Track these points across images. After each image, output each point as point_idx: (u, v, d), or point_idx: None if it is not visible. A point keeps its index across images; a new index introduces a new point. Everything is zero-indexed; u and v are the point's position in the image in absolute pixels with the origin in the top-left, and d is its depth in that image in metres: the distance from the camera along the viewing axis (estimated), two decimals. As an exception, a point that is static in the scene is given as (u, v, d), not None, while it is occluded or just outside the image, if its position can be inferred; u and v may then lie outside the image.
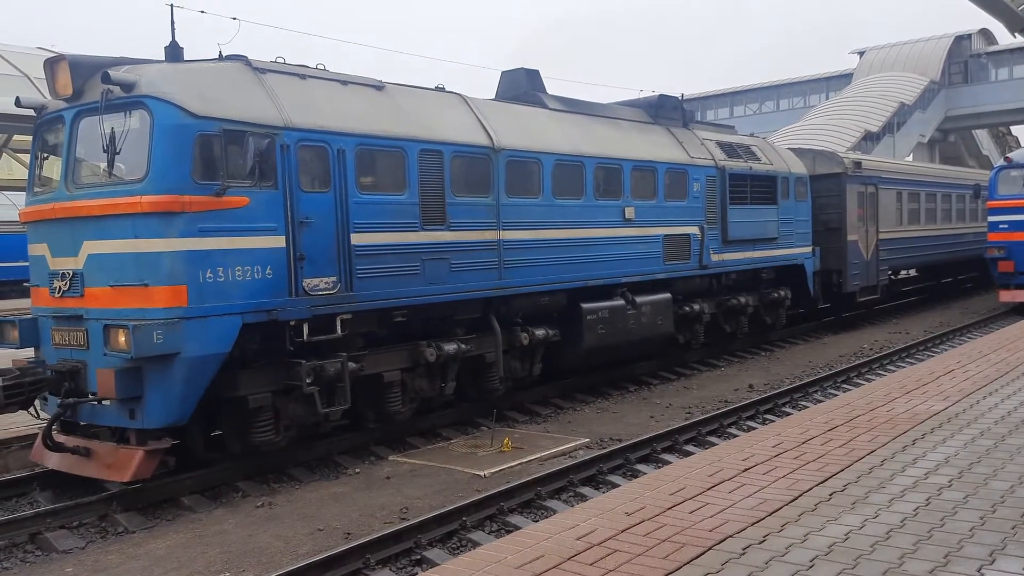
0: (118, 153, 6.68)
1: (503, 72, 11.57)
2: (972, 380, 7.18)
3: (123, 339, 6.47)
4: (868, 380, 11.73)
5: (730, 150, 13.65)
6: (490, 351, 9.52)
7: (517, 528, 6.05)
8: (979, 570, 3.33)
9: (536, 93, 11.21)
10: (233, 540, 6.21)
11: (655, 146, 12.01)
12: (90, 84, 6.99)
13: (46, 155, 7.65)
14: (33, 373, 7.14)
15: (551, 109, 10.95)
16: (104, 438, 7.27)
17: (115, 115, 6.76)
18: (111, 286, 6.74)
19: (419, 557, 5.78)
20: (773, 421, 8.93)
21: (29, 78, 10.37)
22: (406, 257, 8.28)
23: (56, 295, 7.10)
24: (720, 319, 13.67)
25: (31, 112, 7.78)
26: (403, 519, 6.38)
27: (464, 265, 8.90)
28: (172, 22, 7.47)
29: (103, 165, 6.85)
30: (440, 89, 9.62)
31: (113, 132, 6.65)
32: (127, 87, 6.67)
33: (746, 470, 4.92)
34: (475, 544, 5.89)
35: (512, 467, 7.76)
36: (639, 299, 11.28)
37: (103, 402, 6.80)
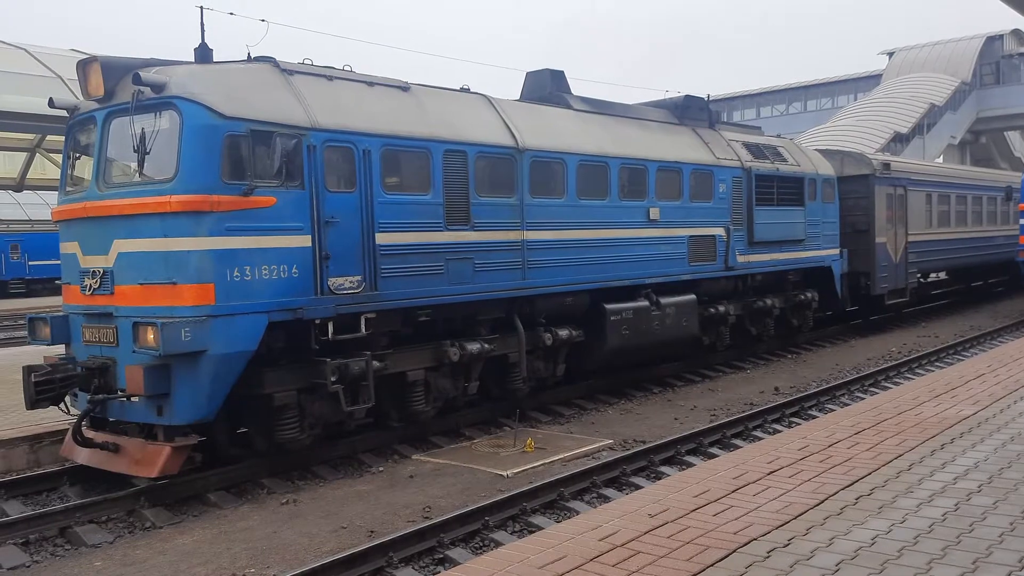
0: (148, 153, 6.77)
1: (528, 73, 11.58)
2: (1003, 385, 7.04)
3: (152, 336, 6.56)
4: (896, 384, 11.56)
5: (756, 151, 13.53)
6: (513, 351, 9.53)
7: (540, 528, 6.05)
8: (1010, 577, 3.26)
9: (561, 94, 11.20)
10: (258, 536, 6.27)
11: (680, 147, 11.95)
12: (121, 85, 7.10)
13: (78, 155, 7.79)
14: (64, 369, 7.28)
15: (576, 110, 10.94)
16: (132, 434, 7.35)
17: (145, 115, 6.86)
18: (140, 284, 6.84)
19: (442, 556, 5.79)
20: (799, 424, 8.83)
21: (62, 79, 10.57)
22: (430, 257, 8.31)
23: (87, 292, 7.22)
24: (746, 321, 13.55)
25: (64, 113, 7.93)
26: (426, 518, 6.40)
27: (488, 265, 8.91)
28: (202, 24, 7.58)
29: (133, 165, 6.95)
30: (465, 90, 9.65)
31: (143, 132, 6.74)
32: (157, 88, 6.77)
33: (771, 473, 4.87)
34: (498, 544, 5.89)
35: (535, 467, 7.75)
36: (663, 300, 11.22)
37: (132, 398, 6.89)
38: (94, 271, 7.15)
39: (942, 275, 22.27)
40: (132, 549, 6.13)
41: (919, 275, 18.74)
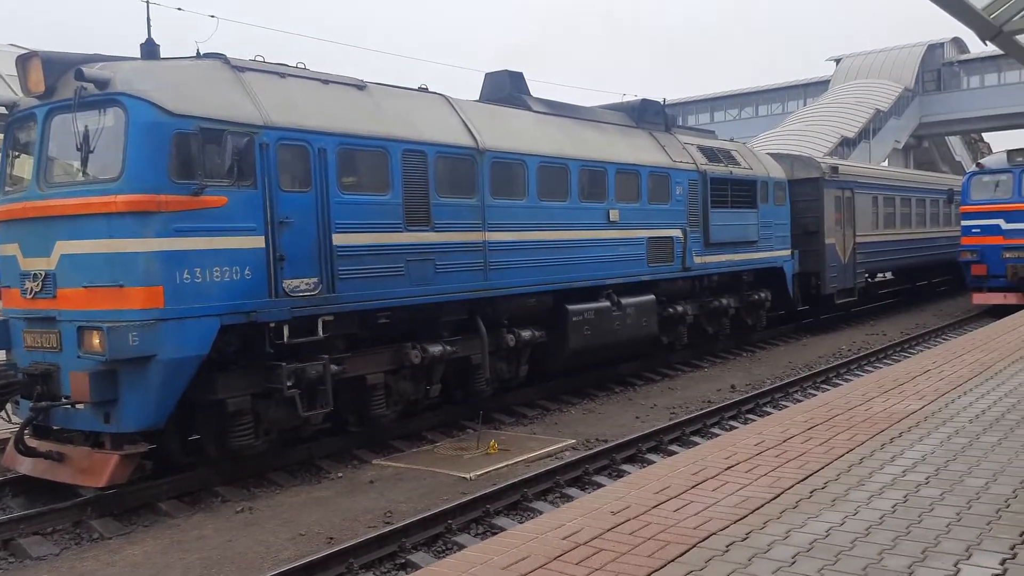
0: (92, 151, 6.56)
1: (487, 74, 11.56)
2: (947, 380, 7.25)
3: (97, 341, 6.35)
4: (847, 380, 11.83)
5: (711, 154, 13.73)
6: (476, 353, 9.48)
7: (503, 530, 6.01)
8: (955, 565, 3.35)
9: (520, 95, 11.20)
10: (212, 546, 6.10)
11: (638, 149, 12.05)
12: (63, 81, 6.87)
13: (17, 153, 7.50)
14: (4, 376, 7.01)
15: (535, 111, 10.95)
16: (78, 442, 7.13)
17: (89, 113, 6.65)
18: (85, 287, 6.62)
19: (403, 561, 5.71)
20: (755, 420, 8.97)
21: (0, 75, 10.19)
22: (390, 258, 8.21)
23: (28, 296, 6.96)
24: (703, 320, 13.73)
25: (2, 110, 7.64)
26: (387, 523, 6.30)
27: (449, 266, 8.85)
28: (148, 19, 7.39)
29: (76, 164, 6.73)
30: (423, 89, 9.58)
31: (87, 130, 6.53)
32: (101, 84, 6.56)
33: (729, 468, 4.92)
34: (460, 547, 5.83)
35: (498, 469, 7.71)
36: (624, 301, 11.30)
37: (77, 406, 6.67)
38: (35, 274, 6.90)
39: (889, 275, 22.90)
40: (79, 561, 5.92)
41: (867, 275, 19.23)
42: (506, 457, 8.08)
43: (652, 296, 11.94)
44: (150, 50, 7.23)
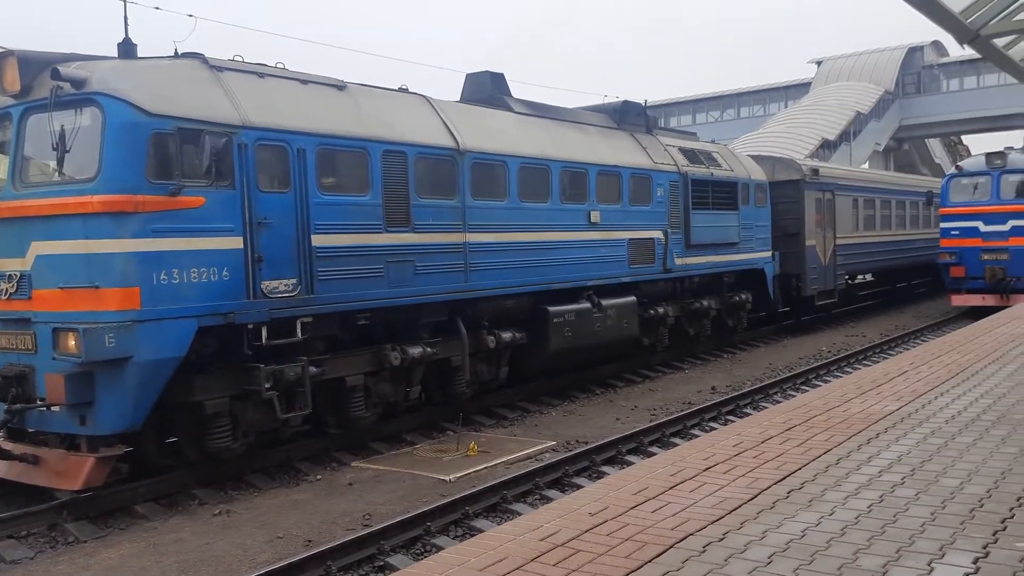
0: (68, 151, 6.50)
1: (468, 75, 11.55)
2: (924, 381, 7.32)
3: (73, 343, 6.28)
4: (826, 381, 11.93)
5: (692, 156, 13.80)
6: (456, 354, 9.46)
7: (482, 532, 6.00)
8: (929, 564, 3.38)
9: (501, 96, 11.20)
10: (189, 549, 6.05)
11: (620, 151, 12.09)
12: (39, 80, 6.79)
13: (-8, 153, 7.41)
14: (-22, 379, 6.90)
15: (517, 113, 10.95)
16: (53, 445, 7.05)
17: (65, 112, 6.58)
18: (60, 288, 6.55)
19: (382, 563, 5.70)
20: (734, 421, 9.02)
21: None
22: (369, 259, 8.18)
23: (2, 297, 6.87)
24: (684, 322, 13.79)
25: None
26: (366, 525, 6.28)
27: (429, 267, 8.83)
28: (125, 18, 7.33)
29: (52, 164, 6.66)
30: (404, 90, 9.56)
31: (63, 130, 6.47)
32: (78, 84, 6.49)
33: (707, 469, 4.94)
34: (439, 548, 5.82)
35: (478, 471, 7.71)
36: (605, 302, 11.33)
37: (52, 408, 6.59)
38: (10, 275, 6.81)
39: (868, 276, 23.12)
40: (54, 565, 5.85)
41: (847, 277, 19.40)
42: (486, 459, 8.07)
43: (633, 297, 11.98)
44: (127, 50, 7.17)
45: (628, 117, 13.07)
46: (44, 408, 6.64)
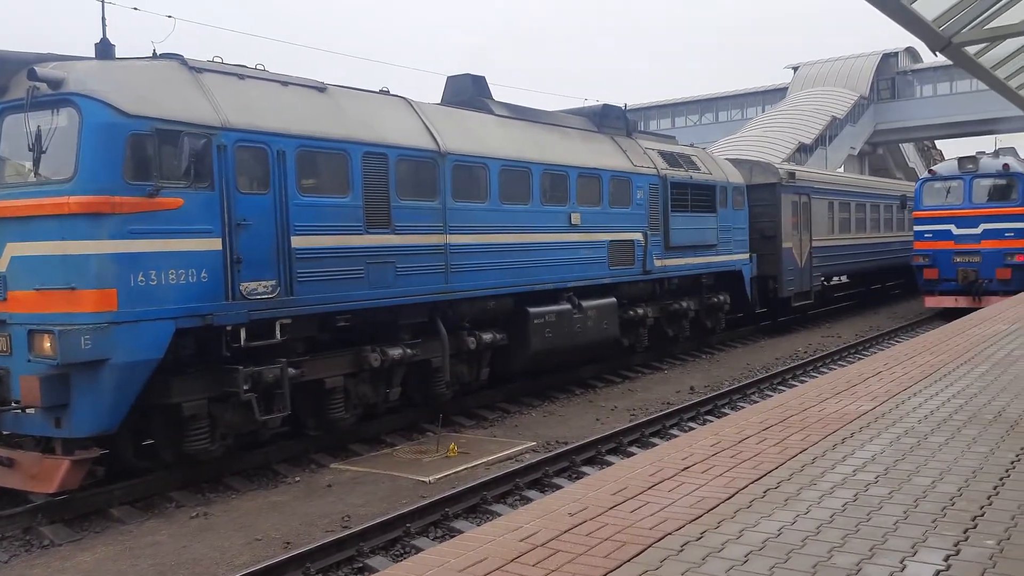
0: (44, 152, 6.43)
1: (449, 77, 11.56)
2: (898, 382, 7.43)
3: (48, 344, 6.22)
4: (802, 381, 12.07)
5: (671, 159, 13.91)
6: (436, 356, 9.46)
7: (462, 533, 6.01)
8: (902, 562, 3.43)
9: (482, 99, 11.22)
10: (166, 552, 6.00)
11: (600, 154, 12.16)
12: (15, 81, 6.71)
13: (-34, 153, 7.30)
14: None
15: (498, 115, 10.98)
16: (28, 448, 6.95)
17: (42, 113, 6.51)
18: (36, 289, 6.47)
19: (361, 565, 5.69)
20: (712, 421, 9.10)
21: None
22: (349, 260, 8.16)
23: (-24, 299, 6.77)
24: (663, 323, 13.90)
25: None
26: (345, 527, 6.27)
27: (410, 269, 8.83)
28: (103, 18, 7.25)
29: (28, 164, 6.58)
30: (385, 92, 9.55)
31: (39, 130, 6.40)
32: (55, 84, 6.43)
33: (685, 469, 4.99)
34: (419, 550, 5.83)
35: (458, 472, 7.71)
36: (585, 303, 11.38)
37: (27, 410, 6.51)
38: (-16, 276, 6.71)
39: (844, 278, 23.41)
40: (29, 568, 5.79)
41: (823, 278, 19.64)
42: (466, 460, 8.08)
43: (613, 299, 12.05)
44: (105, 50, 7.10)
45: (608, 120, 13.15)
46: (19, 410, 6.55)
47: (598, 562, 3.58)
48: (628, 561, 3.57)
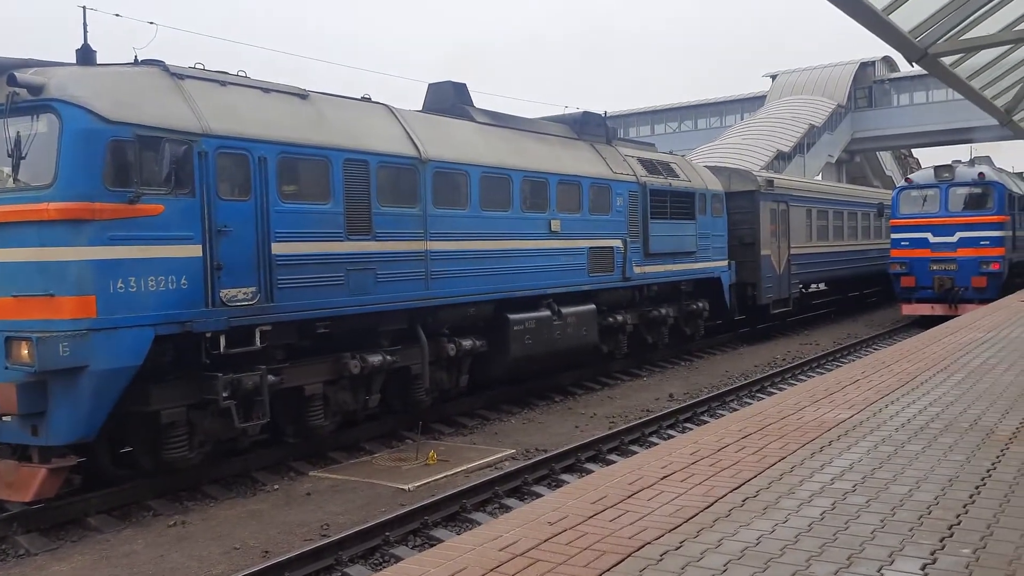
0: (24, 158, 6.38)
1: (430, 84, 11.59)
2: (876, 390, 7.52)
3: (26, 352, 6.15)
4: (780, 389, 12.19)
5: (651, 167, 14.02)
6: (416, 363, 9.46)
7: (441, 541, 6.01)
8: (879, 570, 3.48)
9: (463, 106, 11.26)
10: (143, 561, 5.96)
11: (580, 161, 12.23)
12: (-6, 85, 6.64)
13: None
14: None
15: (478, 122, 11.02)
16: (4, 456, 6.85)
17: (21, 119, 6.46)
18: (13, 296, 6.41)
19: (340, 574, 5.68)
20: (692, 429, 9.17)
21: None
22: (330, 267, 8.15)
23: (-49, 306, 6.68)
24: (642, 330, 13.97)
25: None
26: (324, 536, 6.25)
27: (390, 275, 8.83)
28: (84, 24, 7.19)
29: (7, 170, 6.52)
30: (366, 99, 9.56)
31: (19, 136, 6.35)
32: (35, 90, 6.38)
33: (665, 478, 5.02)
34: (398, 559, 5.83)
35: (437, 480, 7.71)
36: (565, 310, 11.43)
37: (3, 418, 6.44)
38: (-40, 283, 6.62)
39: (822, 286, 23.66)
40: (2, 581, 5.71)
41: (801, 286, 19.84)
42: (445, 468, 8.09)
43: (592, 306, 12.11)
44: (86, 56, 7.04)
45: (588, 128, 13.23)
46: (-6, 419, 6.47)
47: (578, 571, 3.60)
48: (608, 571, 3.60)
